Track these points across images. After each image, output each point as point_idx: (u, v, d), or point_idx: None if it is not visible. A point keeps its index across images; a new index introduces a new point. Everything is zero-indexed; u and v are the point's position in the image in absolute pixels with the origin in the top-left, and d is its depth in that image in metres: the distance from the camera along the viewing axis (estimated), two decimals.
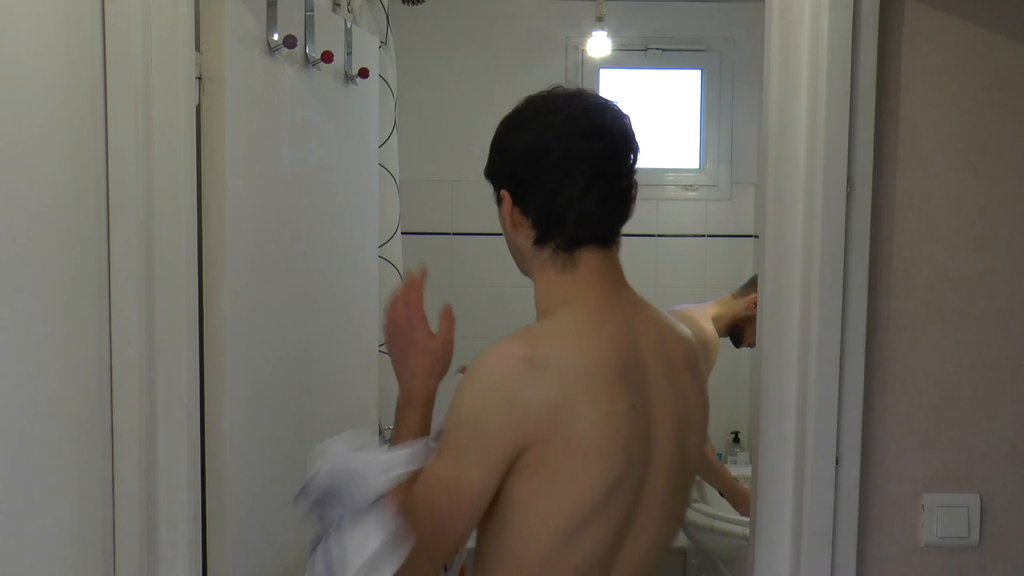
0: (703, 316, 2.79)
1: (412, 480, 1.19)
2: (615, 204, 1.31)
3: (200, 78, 1.49)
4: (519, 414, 1.18)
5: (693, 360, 1.38)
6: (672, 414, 1.31)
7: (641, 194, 1.28)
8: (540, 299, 1.33)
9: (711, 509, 3.00)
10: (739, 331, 2.90)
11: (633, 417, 1.24)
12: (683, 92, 4.05)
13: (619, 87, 4.04)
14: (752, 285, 2.92)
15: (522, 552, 1.25)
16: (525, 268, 1.37)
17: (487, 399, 1.20)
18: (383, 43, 2.93)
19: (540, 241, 1.31)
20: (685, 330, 1.41)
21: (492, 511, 1.24)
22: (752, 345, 2.88)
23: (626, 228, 1.35)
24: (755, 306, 2.82)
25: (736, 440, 4.04)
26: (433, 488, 1.20)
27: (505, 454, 1.19)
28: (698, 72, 4.02)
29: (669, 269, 3.98)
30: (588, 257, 1.30)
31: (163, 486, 1.44)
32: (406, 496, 1.17)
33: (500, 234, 1.40)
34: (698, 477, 3.27)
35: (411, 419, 1.32)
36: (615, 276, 1.34)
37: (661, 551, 1.35)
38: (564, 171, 1.27)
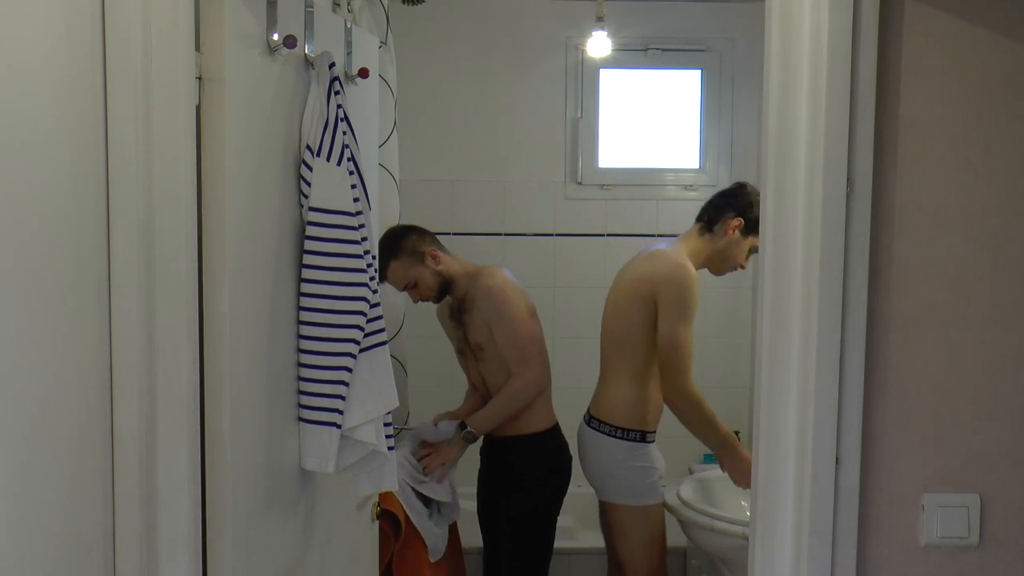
0: (677, 253, 2.83)
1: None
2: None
3: (200, 78, 1.49)
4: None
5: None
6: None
7: (641, 194, 1.33)
8: None
9: (711, 509, 3.00)
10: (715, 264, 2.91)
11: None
12: (683, 92, 4.05)
13: (619, 87, 4.05)
14: (710, 214, 2.86)
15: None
16: None
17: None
18: (383, 43, 2.94)
19: None
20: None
21: None
22: (742, 267, 2.93)
23: (627, 228, 1.40)
24: (732, 232, 2.81)
25: None
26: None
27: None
28: (698, 72, 4.03)
29: None
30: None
31: (163, 486, 1.44)
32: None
33: (498, 234, 1.54)
34: (699, 479, 3.27)
35: None
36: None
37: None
38: None
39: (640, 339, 2.80)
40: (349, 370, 1.80)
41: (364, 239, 1.83)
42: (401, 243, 2.92)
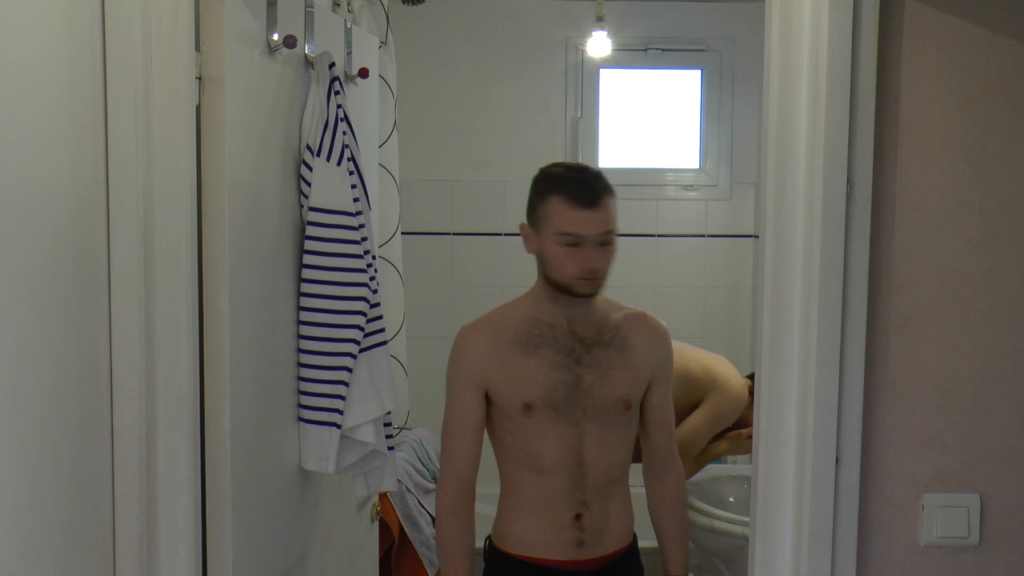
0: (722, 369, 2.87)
1: None
2: None
3: (200, 78, 1.49)
4: None
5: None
6: None
7: (641, 194, 1.32)
8: None
9: (711, 509, 3.00)
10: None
11: None
12: (683, 92, 4.05)
13: (619, 87, 4.05)
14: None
15: None
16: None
17: None
18: (383, 43, 2.94)
19: None
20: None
21: None
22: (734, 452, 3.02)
23: (627, 228, 1.39)
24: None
25: None
26: None
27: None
28: (698, 72, 4.02)
29: (669, 269, 3.98)
30: None
31: (163, 486, 1.44)
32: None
33: (499, 234, 1.52)
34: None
35: None
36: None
37: None
38: None
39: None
40: (349, 370, 1.80)
41: (364, 239, 1.84)
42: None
